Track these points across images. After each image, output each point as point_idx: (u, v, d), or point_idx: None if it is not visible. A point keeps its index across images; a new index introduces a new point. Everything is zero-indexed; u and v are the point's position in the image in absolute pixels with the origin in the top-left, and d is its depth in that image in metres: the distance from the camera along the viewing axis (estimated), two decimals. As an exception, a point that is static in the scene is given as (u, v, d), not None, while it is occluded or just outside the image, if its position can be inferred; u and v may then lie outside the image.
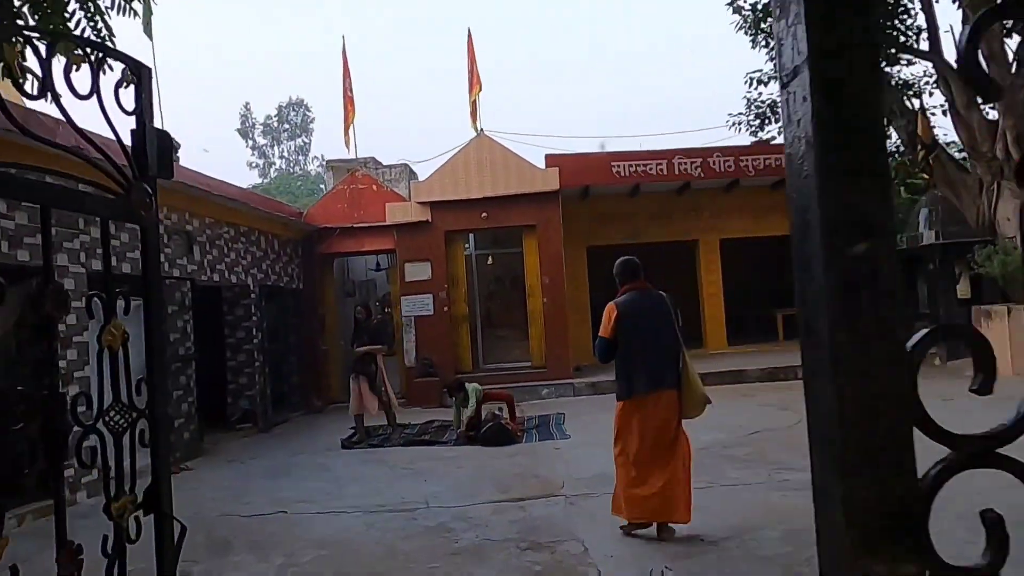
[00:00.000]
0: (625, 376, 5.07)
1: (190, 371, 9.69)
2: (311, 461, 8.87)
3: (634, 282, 5.21)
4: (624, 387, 5.08)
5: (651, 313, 5.08)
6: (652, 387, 4.97)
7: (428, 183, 13.58)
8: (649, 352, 5.00)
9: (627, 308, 5.06)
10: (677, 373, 5.05)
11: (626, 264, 5.31)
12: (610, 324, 5.05)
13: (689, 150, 14.92)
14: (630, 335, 5.01)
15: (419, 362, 13.38)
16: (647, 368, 4.97)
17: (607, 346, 5.09)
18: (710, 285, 15.99)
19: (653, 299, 5.16)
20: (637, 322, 5.03)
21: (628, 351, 5.03)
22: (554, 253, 13.39)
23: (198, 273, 10.04)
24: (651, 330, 5.04)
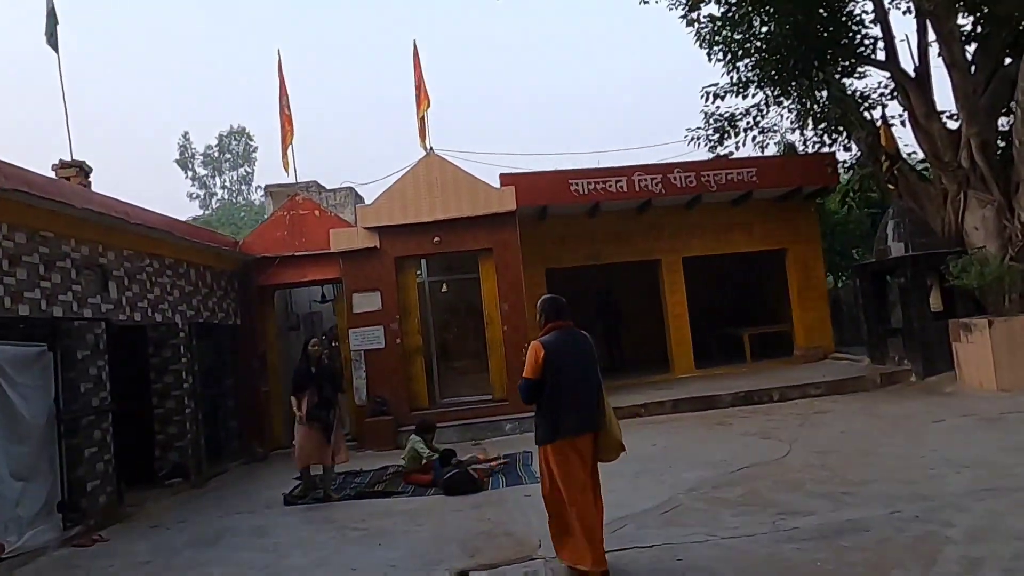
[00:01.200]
0: (551, 418, 4.91)
1: (106, 424, 8.49)
2: (247, 524, 7.76)
3: (558, 321, 5.08)
4: (549, 430, 4.93)
5: (577, 353, 4.99)
6: (579, 430, 4.91)
7: (375, 207, 12.63)
8: (577, 393, 4.90)
9: (553, 347, 4.92)
10: (599, 416, 4.99)
11: (552, 302, 5.19)
12: (537, 364, 4.89)
13: (649, 166, 14.34)
14: (557, 376, 4.87)
15: (371, 400, 12.33)
16: (575, 410, 4.88)
17: (533, 387, 4.93)
18: (675, 306, 15.35)
19: (578, 339, 5.06)
20: (564, 362, 4.90)
21: (555, 392, 4.88)
22: (513, 278, 12.54)
23: (115, 312, 8.89)
24: (578, 370, 4.94)
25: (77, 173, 9.45)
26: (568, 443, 4.90)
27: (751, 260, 16.75)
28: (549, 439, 4.94)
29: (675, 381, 14.64)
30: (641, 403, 12.30)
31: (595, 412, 4.96)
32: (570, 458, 4.91)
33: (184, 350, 10.48)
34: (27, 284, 7.35)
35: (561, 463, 4.91)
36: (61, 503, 7.56)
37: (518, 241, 12.62)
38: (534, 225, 14.43)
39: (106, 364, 8.60)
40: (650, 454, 9.17)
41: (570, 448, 4.91)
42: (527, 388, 4.95)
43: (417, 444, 8.96)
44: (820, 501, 6.32)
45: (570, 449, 4.91)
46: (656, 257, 15.47)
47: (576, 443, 4.91)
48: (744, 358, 16.00)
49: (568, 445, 4.90)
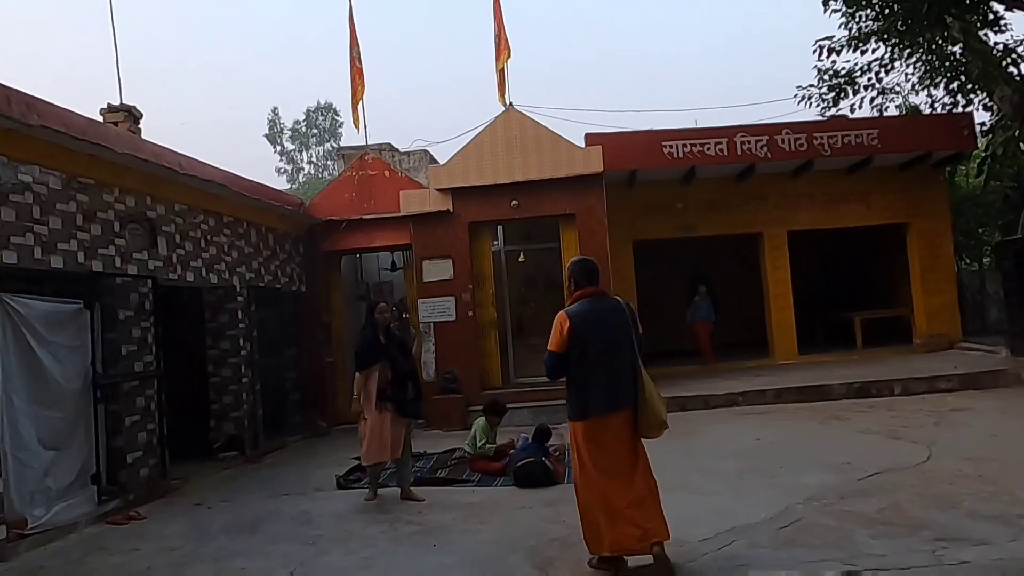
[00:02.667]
0: (578, 395, 4.51)
1: (151, 391, 7.83)
2: (292, 508, 6.92)
3: (590, 287, 4.61)
4: (577, 407, 4.53)
5: (608, 323, 4.49)
6: (609, 408, 4.43)
7: (448, 166, 11.63)
8: (608, 367, 4.44)
9: (581, 318, 4.46)
10: (635, 392, 4.44)
11: (581, 266, 4.74)
12: (562, 336, 4.45)
13: (753, 126, 12.78)
14: (585, 349, 4.42)
15: (440, 376, 11.42)
16: (604, 386, 4.42)
17: (558, 362, 4.51)
18: (777, 285, 13.79)
19: (610, 307, 4.57)
20: (592, 334, 4.44)
21: (583, 367, 4.45)
22: (597, 247, 11.31)
23: (163, 270, 8.20)
24: (608, 343, 4.46)
25: (125, 118, 8.82)
26: (599, 421, 4.44)
27: (865, 235, 14.96)
28: (578, 417, 4.51)
29: (775, 367, 13.16)
30: (739, 391, 10.94)
31: (630, 387, 4.44)
32: (601, 438, 4.44)
33: (241, 315, 9.79)
34: (61, 235, 6.67)
35: (591, 443, 4.46)
36: (95, 475, 6.91)
37: (604, 207, 11.39)
38: (621, 192, 13.13)
39: (153, 325, 7.92)
40: (754, 449, 7.87)
41: (602, 427, 4.44)
42: (551, 363, 4.53)
43: (480, 429, 7.93)
44: (989, 525, 4.93)
45: (602, 428, 4.44)
46: (757, 230, 13.94)
47: (608, 422, 4.44)
48: (854, 345, 14.33)
49: (599, 424, 4.44)
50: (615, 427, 4.44)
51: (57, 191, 6.67)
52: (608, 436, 4.43)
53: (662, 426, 4.53)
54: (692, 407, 10.76)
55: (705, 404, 10.80)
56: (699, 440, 8.68)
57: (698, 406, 10.78)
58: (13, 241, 6.12)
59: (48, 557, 5.85)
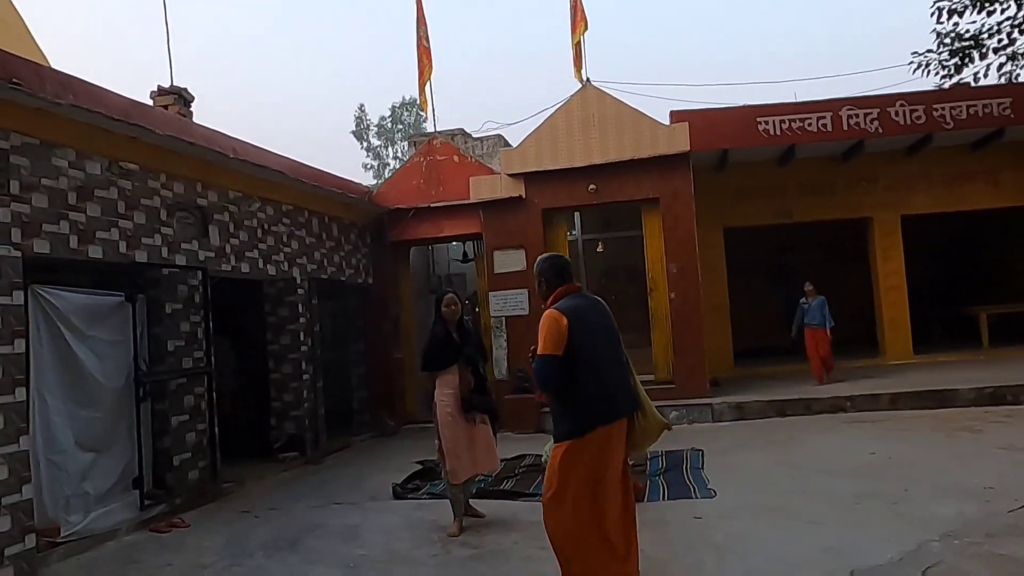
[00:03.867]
0: (579, 405, 3.77)
1: (200, 388, 7.38)
2: (341, 521, 6.30)
3: (570, 284, 4.05)
4: (576, 421, 3.75)
5: (599, 321, 3.94)
6: (613, 416, 3.81)
7: (520, 149, 10.84)
8: (606, 370, 3.85)
9: (577, 314, 3.81)
10: (634, 396, 3.93)
11: (552, 262, 4.14)
12: (560, 335, 3.73)
13: (862, 98, 11.37)
14: (583, 350, 3.76)
15: (512, 375, 10.67)
16: (607, 391, 3.81)
17: (556, 367, 3.71)
18: (889, 276, 12.35)
19: (596, 304, 4.03)
20: (590, 332, 3.83)
21: (582, 371, 3.75)
22: (684, 235, 10.31)
23: (216, 261, 7.75)
24: (605, 342, 3.90)
25: (175, 101, 8.42)
26: (603, 433, 3.74)
27: (991, 220, 13.29)
28: (576, 433, 3.72)
29: (887, 368, 11.78)
30: (846, 394, 9.71)
31: (629, 391, 3.92)
32: (603, 455, 3.74)
33: (303, 308, 9.31)
34: (100, 223, 6.25)
35: (589, 463, 3.72)
36: (137, 479, 6.48)
37: (691, 189, 10.34)
38: (711, 175, 12.02)
39: (204, 319, 7.47)
40: (869, 467, 6.74)
41: (604, 441, 3.75)
42: (548, 369, 3.71)
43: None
44: None
45: (604, 442, 3.75)
46: (866, 215, 12.54)
47: (611, 433, 3.78)
48: (979, 343, 12.73)
49: (603, 436, 3.74)
50: (616, 438, 3.83)
51: (96, 176, 6.26)
52: (608, 450, 3.79)
53: (662, 427, 4.02)
54: (792, 412, 9.63)
55: (807, 409, 9.63)
56: (800, 452, 7.59)
57: (798, 411, 9.63)
58: (46, 230, 5.71)
59: (75, 569, 5.42)
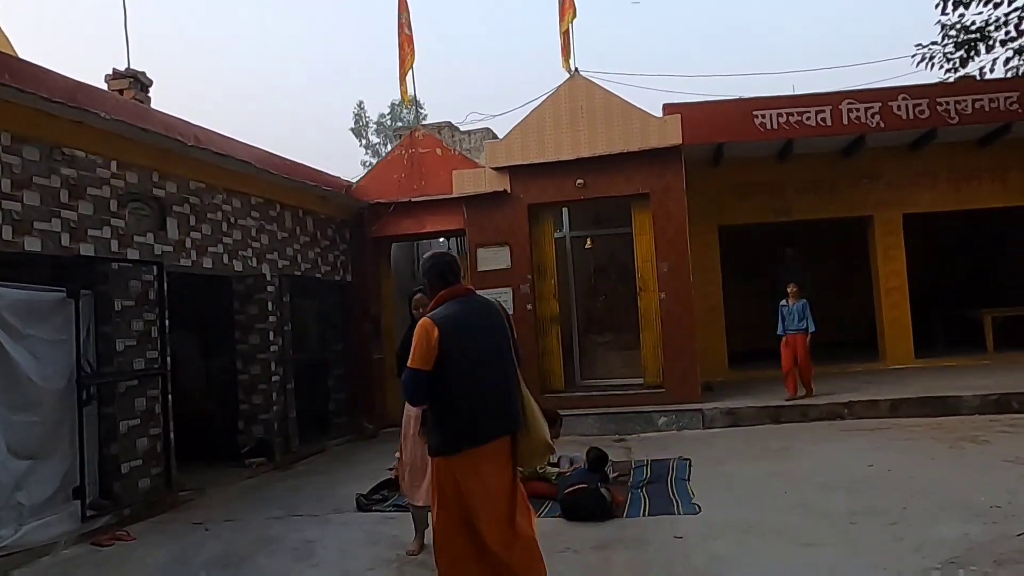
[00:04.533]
0: (452, 421, 3.49)
1: (154, 391, 6.93)
2: (297, 536, 5.84)
3: (453, 287, 3.67)
4: (450, 437, 3.49)
5: (484, 328, 3.59)
6: (494, 433, 3.51)
7: (506, 141, 10.38)
8: (489, 383, 3.51)
9: (452, 323, 3.48)
10: (520, 411, 3.57)
11: (435, 262, 3.75)
12: (429, 348, 3.41)
13: (863, 91, 10.93)
14: (459, 361, 3.44)
15: (495, 377, 10.20)
16: (486, 406, 3.49)
17: (424, 381, 3.43)
18: (891, 277, 11.88)
19: (483, 308, 3.68)
20: (468, 342, 3.49)
21: (458, 384, 3.45)
22: (675, 232, 9.85)
23: (174, 255, 7.30)
24: (487, 352, 3.55)
25: (131, 85, 7.98)
26: (481, 452, 3.46)
27: (998, 220, 12.83)
28: (451, 449, 3.47)
29: (887, 372, 11.31)
30: (844, 401, 9.24)
31: (514, 406, 3.58)
32: (482, 472, 3.46)
33: (273, 306, 8.86)
34: (40, 212, 5.81)
35: (468, 483, 3.44)
36: (79, 488, 6.03)
37: (683, 185, 9.88)
38: (706, 170, 11.56)
39: (159, 317, 7.03)
40: (867, 481, 6.27)
41: (482, 459, 3.47)
42: (414, 383, 3.44)
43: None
44: None
45: (482, 460, 3.47)
46: (867, 213, 12.06)
47: (491, 451, 3.49)
48: (983, 347, 12.26)
49: (479, 455, 3.46)
50: (499, 457, 3.52)
51: (34, 163, 5.81)
52: (490, 470, 3.47)
53: (547, 449, 3.69)
54: (787, 419, 9.16)
55: (803, 416, 9.16)
56: (796, 464, 7.13)
57: (794, 418, 9.17)
58: (-26, 219, 5.28)
59: (-3, 590, 4.97)
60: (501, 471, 3.51)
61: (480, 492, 3.43)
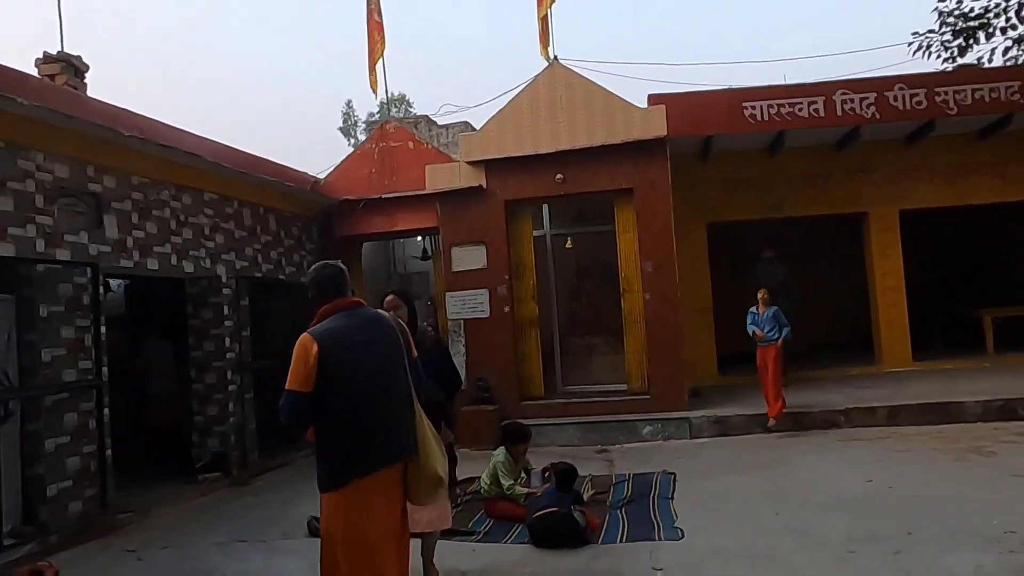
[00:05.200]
0: (337, 451, 3.09)
1: (88, 404, 6.33)
2: (236, 567, 5.27)
3: (340, 300, 3.29)
4: (336, 470, 3.09)
5: (373, 344, 3.22)
6: (383, 461, 3.17)
7: (482, 134, 9.82)
8: (376, 406, 3.16)
9: (334, 339, 3.11)
10: (415, 437, 3.23)
11: (321, 272, 3.37)
12: (307, 369, 3.05)
13: (858, 81, 10.37)
14: (343, 382, 3.08)
15: (471, 384, 9.64)
16: (374, 432, 3.13)
17: (302, 404, 3.07)
18: (887, 276, 11.36)
19: (373, 322, 3.30)
20: (349, 362, 3.12)
21: (342, 409, 3.08)
22: (660, 228, 9.31)
23: (112, 256, 6.70)
24: (376, 371, 3.18)
25: (63, 70, 7.36)
26: (369, 483, 3.16)
27: (998, 216, 12.33)
28: (337, 482, 3.13)
29: (884, 376, 10.77)
30: (840, 408, 8.71)
31: (406, 431, 3.28)
32: (372, 505, 3.17)
33: (229, 310, 8.27)
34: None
35: (356, 516, 3.13)
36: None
37: (668, 179, 9.34)
38: (694, 165, 11.02)
39: (94, 324, 6.43)
40: (866, 500, 5.72)
41: (373, 491, 3.18)
42: (291, 407, 3.12)
43: (500, 462, 6.09)
44: None
45: (372, 492, 3.17)
46: (862, 209, 11.54)
47: (379, 480, 3.19)
48: (983, 349, 11.75)
49: (370, 488, 3.16)
50: (388, 487, 3.21)
51: (-61, 152, 5.22)
52: (380, 502, 3.17)
53: (437, 486, 3.34)
54: (779, 427, 8.61)
55: (796, 424, 8.62)
56: (788, 479, 6.58)
57: (786, 426, 8.62)
58: None
59: None
60: (392, 505, 3.21)
61: (373, 530, 3.11)
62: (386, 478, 3.19)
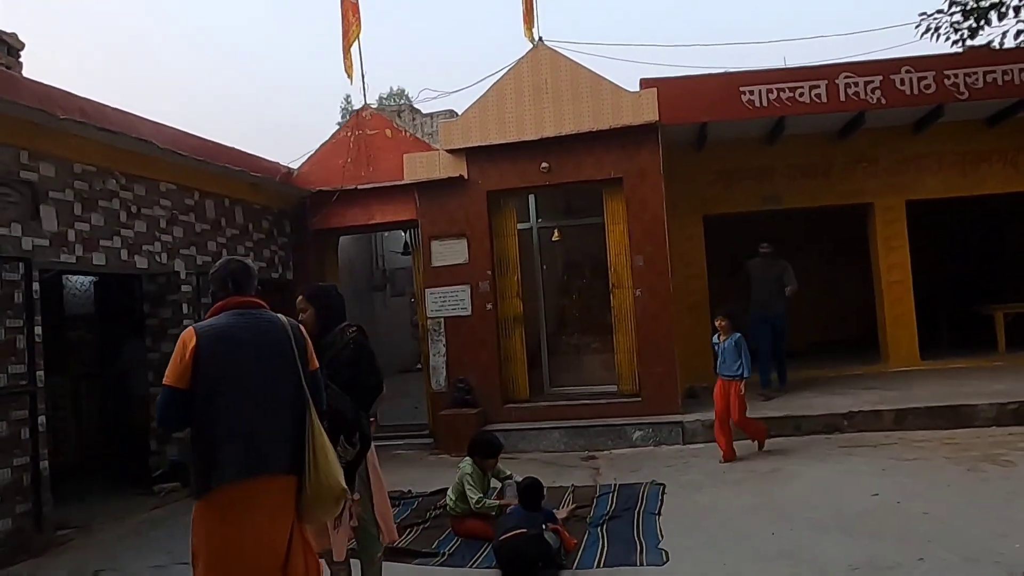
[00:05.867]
0: (201, 454, 2.86)
1: (20, 412, 5.78)
2: (168, 596, 4.76)
3: (237, 296, 3.09)
4: (202, 474, 2.85)
5: (259, 347, 2.98)
6: (252, 470, 2.85)
7: (463, 120, 9.26)
8: (253, 411, 2.90)
9: (215, 336, 2.92)
10: (301, 450, 2.92)
11: (223, 268, 3.18)
12: (183, 365, 2.85)
13: (862, 64, 9.78)
14: (219, 382, 2.87)
15: (451, 386, 9.12)
16: (247, 438, 2.87)
17: (176, 401, 2.86)
18: (893, 270, 10.78)
19: (264, 325, 3.04)
20: (232, 361, 2.92)
21: (215, 410, 2.86)
22: (651, 220, 8.75)
23: (51, 250, 6.17)
24: (258, 375, 2.94)
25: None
26: (236, 492, 2.81)
27: (1007, 207, 11.76)
28: (201, 489, 2.85)
29: (890, 376, 10.20)
30: (843, 410, 8.15)
31: (290, 441, 2.93)
32: (243, 522, 2.80)
33: (188, 309, 7.75)
34: None
35: (222, 531, 2.80)
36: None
37: (660, 167, 8.78)
38: (688, 154, 10.46)
39: (27, 324, 5.89)
40: (872, 518, 5.17)
41: (241, 502, 2.81)
42: (164, 403, 2.88)
43: (467, 475, 5.54)
44: None
45: (241, 504, 2.81)
46: (866, 200, 10.95)
47: (252, 492, 2.83)
48: (994, 347, 11.17)
49: (241, 499, 2.81)
50: (264, 501, 2.86)
51: None
52: (259, 519, 2.83)
53: (339, 500, 3.03)
54: (778, 431, 8.05)
55: (795, 428, 8.07)
56: (785, 490, 6.04)
57: (785, 430, 8.07)
58: None
59: None
60: (276, 526, 2.86)
61: (248, 552, 2.79)
62: (261, 490, 2.86)
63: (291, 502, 2.93)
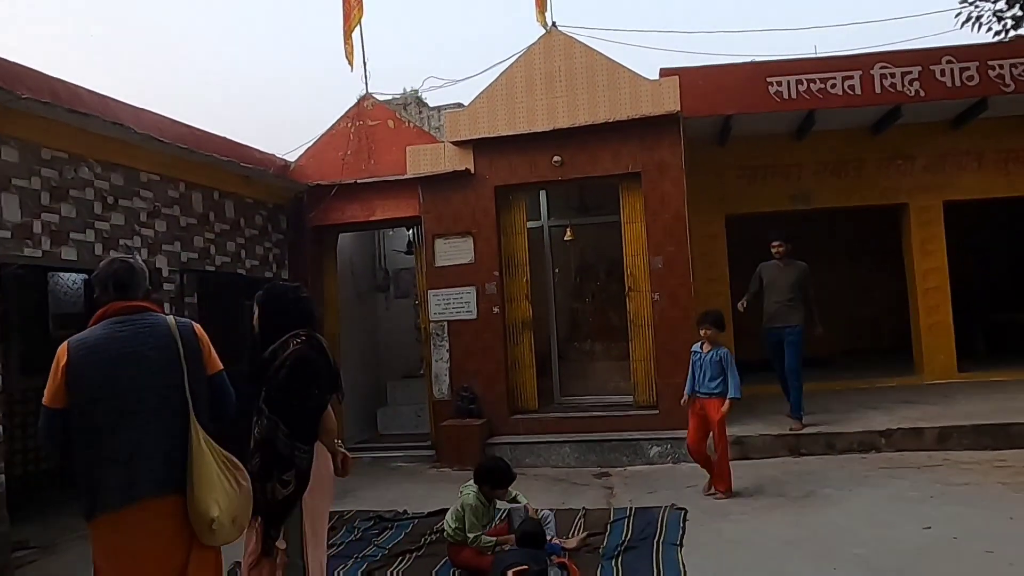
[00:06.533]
0: (86, 477, 2.69)
1: (-27, 423, 5.26)
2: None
3: (120, 300, 2.84)
4: (82, 500, 2.71)
5: (140, 359, 2.73)
6: (135, 497, 2.65)
7: (470, 111, 8.66)
8: (133, 429, 2.68)
9: (88, 351, 2.71)
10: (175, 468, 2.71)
11: (100, 271, 2.92)
12: (56, 382, 2.69)
13: (899, 53, 9.14)
14: (93, 402, 2.68)
15: (455, 394, 8.51)
16: (124, 463, 2.66)
17: (54, 422, 2.69)
18: (930, 275, 10.09)
19: (146, 333, 2.78)
20: (105, 379, 2.69)
21: (91, 432, 2.68)
22: (671, 218, 8.12)
23: (13, 243, 5.62)
24: (134, 390, 2.71)
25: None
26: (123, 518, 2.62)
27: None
28: (89, 515, 2.66)
29: (927, 389, 9.51)
30: (880, 428, 7.47)
31: (175, 460, 2.68)
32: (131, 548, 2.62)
33: (172, 308, 7.17)
34: None
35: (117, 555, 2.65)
36: None
37: (681, 161, 8.14)
38: (710, 149, 9.85)
39: (-15, 325, 5.35)
40: (926, 556, 4.50)
41: (129, 528, 2.62)
42: (41, 424, 2.68)
43: (470, 507, 4.90)
44: None
45: (129, 530, 2.62)
46: (900, 201, 10.27)
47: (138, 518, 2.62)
48: (1040, 359, 10.46)
49: (127, 521, 2.62)
50: (154, 525, 2.65)
51: None
52: (141, 543, 2.64)
53: (209, 525, 2.65)
54: (808, 450, 7.41)
55: (828, 447, 7.41)
56: (823, 521, 5.37)
57: (817, 449, 7.41)
58: None
59: None
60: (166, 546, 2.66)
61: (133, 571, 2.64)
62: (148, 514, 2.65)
63: (182, 525, 2.69)
